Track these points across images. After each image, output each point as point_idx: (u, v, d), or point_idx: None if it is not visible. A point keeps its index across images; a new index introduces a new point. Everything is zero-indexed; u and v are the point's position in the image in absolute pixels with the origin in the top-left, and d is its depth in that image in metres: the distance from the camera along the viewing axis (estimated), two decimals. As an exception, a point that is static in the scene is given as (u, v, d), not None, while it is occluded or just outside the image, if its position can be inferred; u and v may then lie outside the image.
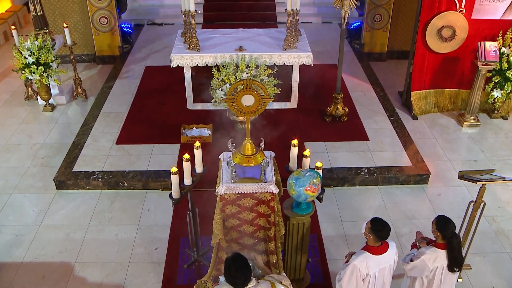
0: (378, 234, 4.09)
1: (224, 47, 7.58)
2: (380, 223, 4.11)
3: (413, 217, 6.11)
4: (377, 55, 9.80)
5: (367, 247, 4.21)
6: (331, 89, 7.96)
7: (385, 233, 4.11)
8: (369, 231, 4.13)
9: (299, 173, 4.57)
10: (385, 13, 9.32)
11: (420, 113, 8.02)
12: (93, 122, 7.80)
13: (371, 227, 4.12)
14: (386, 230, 4.11)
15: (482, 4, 7.33)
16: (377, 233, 4.09)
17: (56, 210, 6.29)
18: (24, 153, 7.28)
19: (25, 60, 7.55)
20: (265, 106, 4.52)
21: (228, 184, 4.73)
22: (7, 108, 8.38)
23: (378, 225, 4.10)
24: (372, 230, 4.10)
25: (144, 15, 11.39)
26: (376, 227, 4.09)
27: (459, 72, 7.88)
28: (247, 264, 3.68)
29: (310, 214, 4.80)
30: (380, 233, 4.09)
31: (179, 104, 8.10)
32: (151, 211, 6.29)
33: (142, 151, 7.12)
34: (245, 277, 3.62)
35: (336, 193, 6.55)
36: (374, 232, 4.09)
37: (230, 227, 4.95)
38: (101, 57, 9.75)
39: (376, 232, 4.09)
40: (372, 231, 4.10)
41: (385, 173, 6.64)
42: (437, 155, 7.18)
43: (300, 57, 7.45)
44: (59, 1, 9.25)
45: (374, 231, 4.09)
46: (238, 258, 3.69)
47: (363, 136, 7.39)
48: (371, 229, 4.11)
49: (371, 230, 4.12)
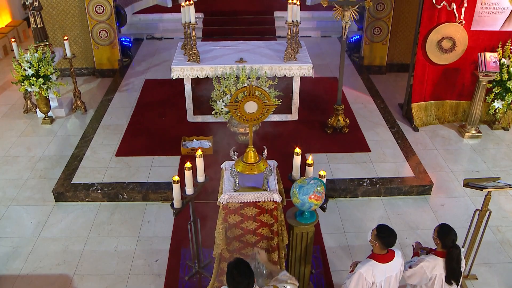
0: (384, 241, 4.02)
1: (224, 59, 7.57)
2: (387, 230, 4.04)
3: (417, 228, 6.04)
4: (376, 68, 9.82)
5: (373, 255, 4.13)
6: (332, 101, 7.95)
7: (392, 240, 4.04)
8: (375, 238, 4.06)
9: (302, 181, 4.51)
10: (384, 26, 9.37)
11: (421, 124, 8.00)
12: (93, 134, 7.74)
13: (377, 234, 4.05)
14: (393, 237, 4.04)
15: (481, 15, 7.37)
16: (383, 240, 4.01)
17: (55, 222, 6.19)
18: (22, 165, 7.20)
19: (24, 72, 7.52)
20: (269, 113, 4.49)
21: (231, 193, 4.66)
22: (6, 120, 8.33)
23: (384, 232, 4.03)
24: (378, 237, 4.03)
25: (143, 30, 11.42)
26: (382, 234, 4.02)
27: (460, 84, 7.89)
28: (249, 269, 3.60)
29: (314, 223, 4.72)
30: (386, 240, 4.02)
31: (179, 116, 8.06)
32: (151, 222, 6.20)
33: (142, 163, 7.05)
34: (248, 281, 3.54)
35: (339, 204, 6.48)
36: (381, 239, 4.02)
37: (233, 237, 4.87)
38: (100, 70, 9.74)
39: (383, 239, 4.01)
40: (378, 238, 4.03)
41: (388, 184, 6.58)
42: (439, 166, 7.13)
43: (301, 68, 7.44)
44: (59, 15, 9.28)
45: (380, 238, 4.02)
46: (241, 262, 3.61)
47: (365, 148, 7.35)
48: (377, 236, 4.04)
49: (377, 237, 4.05)
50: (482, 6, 7.30)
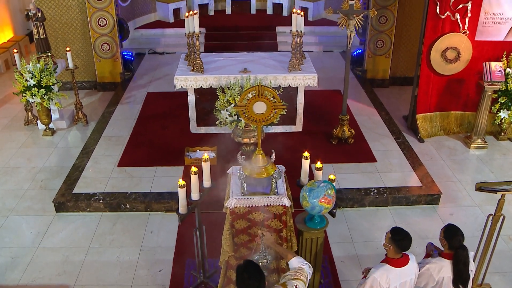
0: (399, 244, 3.88)
1: (228, 69, 7.53)
2: (401, 232, 3.91)
3: (426, 237, 5.89)
4: (379, 82, 9.80)
5: (387, 259, 3.99)
6: (335, 113, 7.89)
7: (407, 242, 3.90)
8: (389, 241, 3.93)
9: (312, 184, 4.40)
10: (387, 39, 9.38)
11: (426, 136, 7.92)
12: (94, 145, 7.63)
13: (391, 237, 3.91)
14: (408, 239, 3.90)
15: (485, 26, 7.37)
16: (398, 243, 3.88)
17: (55, 232, 6.03)
18: (22, 176, 7.07)
19: (26, 83, 7.45)
20: (278, 114, 4.40)
21: (238, 197, 4.54)
22: (6, 132, 8.22)
23: (399, 234, 3.90)
24: (393, 240, 3.89)
25: (145, 44, 11.42)
26: (397, 237, 3.89)
27: (464, 94, 7.85)
28: (260, 271, 3.46)
29: (324, 228, 4.59)
30: (401, 242, 3.88)
31: (182, 128, 7.97)
32: (155, 233, 6.05)
33: (145, 174, 6.93)
34: (258, 284, 3.40)
35: (346, 214, 6.35)
36: (395, 242, 3.88)
37: (240, 244, 4.72)
38: (102, 84, 9.69)
39: (397, 242, 3.88)
40: (393, 241, 3.89)
41: (395, 193, 6.46)
42: (446, 176, 7.03)
43: (305, 78, 7.40)
44: (61, 28, 9.27)
45: (395, 241, 3.88)
46: (251, 265, 3.47)
47: (371, 158, 7.25)
48: (392, 239, 3.91)
49: (391, 240, 3.91)
50: (486, 16, 7.31)
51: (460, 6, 7.19)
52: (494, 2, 7.22)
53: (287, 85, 7.44)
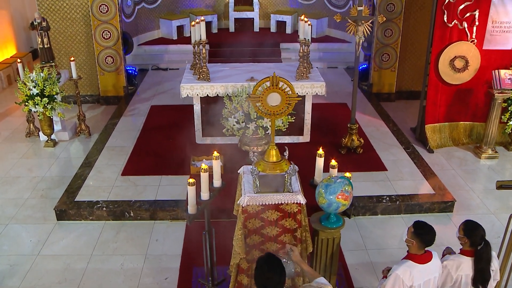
0: (423, 239, 3.68)
1: (235, 78, 7.42)
2: (425, 226, 3.72)
3: (442, 244, 5.61)
4: (385, 96, 9.71)
5: (410, 255, 3.79)
6: (343, 124, 7.78)
7: (431, 237, 3.71)
8: (412, 236, 3.73)
9: (329, 180, 4.23)
10: (392, 52, 9.35)
11: (435, 146, 7.78)
12: (97, 155, 7.46)
13: (414, 231, 3.72)
14: (432, 233, 3.71)
15: (493, 34, 7.33)
16: (422, 238, 3.68)
17: (56, 240, 5.80)
18: (23, 185, 6.87)
19: (29, 92, 7.33)
20: (292, 107, 4.27)
21: (251, 195, 4.36)
22: (7, 144, 8.05)
23: (423, 228, 3.71)
24: (416, 234, 3.70)
25: (148, 60, 11.37)
26: (421, 231, 3.70)
27: (473, 104, 7.75)
28: (281, 266, 3.24)
29: (341, 228, 4.39)
30: (425, 237, 3.69)
31: (188, 138, 7.78)
32: (160, 241, 5.82)
33: (149, 182, 6.74)
34: (278, 279, 3.18)
35: (358, 222, 6.15)
36: (419, 236, 3.68)
37: (252, 245, 4.51)
38: (105, 97, 9.57)
39: (421, 236, 3.68)
40: (416, 235, 3.69)
41: (408, 201, 6.28)
42: (459, 185, 6.86)
43: (313, 86, 7.29)
44: (65, 40, 9.22)
45: (418, 235, 3.69)
46: (272, 258, 3.27)
47: (381, 167, 7.09)
48: (415, 234, 3.71)
49: (414, 234, 3.71)
50: (494, 25, 7.28)
51: (468, 14, 7.16)
52: (501, 11, 7.20)
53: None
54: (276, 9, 12.75)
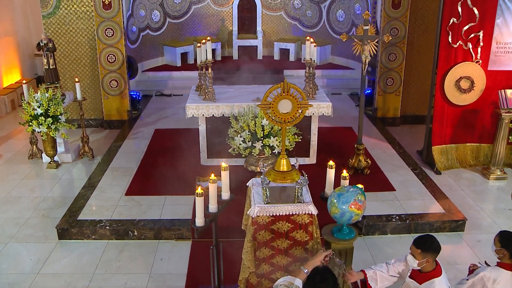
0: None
1: (240, 99, 7.40)
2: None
3: (455, 263, 5.52)
4: (390, 120, 9.68)
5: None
6: (349, 146, 7.73)
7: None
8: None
9: (341, 189, 4.13)
10: (397, 76, 9.38)
11: (443, 168, 7.68)
12: (101, 176, 7.35)
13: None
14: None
15: (497, 55, 7.36)
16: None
17: (57, 259, 5.63)
18: (24, 205, 6.73)
19: (33, 112, 7.29)
20: (303, 114, 4.21)
21: (261, 205, 4.25)
22: (9, 165, 7.96)
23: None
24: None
25: (152, 87, 11.40)
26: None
27: (480, 126, 7.70)
28: (335, 280, 3.12)
29: (354, 240, 4.25)
30: None
31: (192, 160, 7.68)
32: (165, 260, 5.65)
33: (154, 202, 6.60)
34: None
35: (367, 242, 5.99)
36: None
37: (262, 259, 4.37)
38: (109, 121, 9.54)
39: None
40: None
41: (418, 220, 6.14)
42: (468, 205, 6.73)
43: (319, 107, 7.26)
44: (70, 64, 9.26)
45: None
46: (327, 270, 3.17)
47: (389, 187, 6.98)
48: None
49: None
50: (498, 46, 7.32)
51: (472, 35, 7.20)
52: (505, 32, 7.25)
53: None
54: (279, 37, 12.91)
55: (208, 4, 12.63)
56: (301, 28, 12.81)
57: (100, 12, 8.77)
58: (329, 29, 12.29)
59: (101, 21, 8.83)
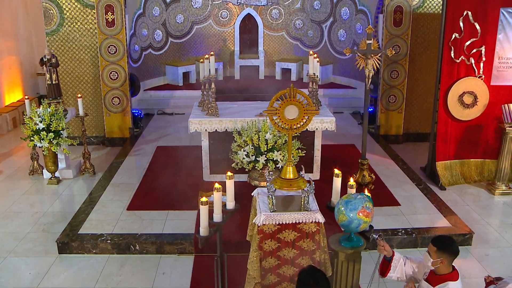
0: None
1: (243, 114, 7.38)
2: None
3: (464, 277, 5.35)
4: (393, 138, 9.65)
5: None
6: (352, 163, 7.70)
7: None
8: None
9: (349, 196, 4.06)
10: (399, 94, 9.39)
11: (447, 184, 7.61)
12: (102, 191, 7.27)
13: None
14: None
15: (500, 70, 7.38)
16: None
17: (57, 273, 5.51)
18: (24, 220, 6.63)
19: (35, 127, 7.26)
20: (310, 121, 4.18)
21: (267, 213, 4.18)
22: (10, 181, 7.88)
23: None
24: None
25: (154, 105, 11.41)
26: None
27: (484, 141, 7.66)
28: (327, 281, 3.03)
29: (362, 248, 4.16)
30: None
31: (195, 177, 7.61)
32: (167, 274, 5.54)
33: (156, 216, 6.51)
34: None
35: (374, 256, 5.84)
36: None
37: (268, 269, 4.27)
38: (110, 139, 9.50)
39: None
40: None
41: (424, 233, 6.04)
42: (474, 220, 6.64)
43: (323, 122, 7.23)
44: (72, 81, 9.27)
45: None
46: (316, 270, 3.08)
47: (394, 202, 6.91)
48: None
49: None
50: (500, 61, 7.35)
51: (474, 50, 7.24)
52: (507, 47, 7.29)
53: (304, 129, 7.23)
54: (281, 57, 12.99)
55: (210, 24, 12.76)
56: (302, 48, 12.90)
57: (103, 29, 8.83)
58: (331, 48, 12.38)
59: (104, 38, 8.88)
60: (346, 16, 11.80)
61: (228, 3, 12.68)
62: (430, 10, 9.17)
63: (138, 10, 11.22)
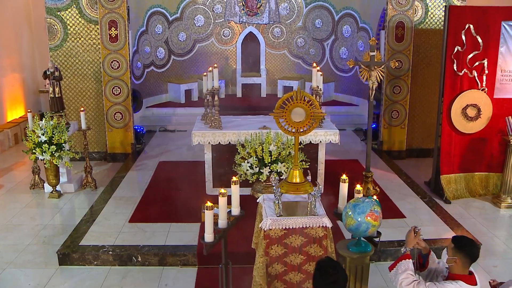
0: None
1: (247, 127, 7.34)
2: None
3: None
4: (396, 153, 9.60)
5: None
6: (356, 176, 7.52)
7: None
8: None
9: (356, 200, 4.02)
10: (402, 109, 9.38)
11: (452, 197, 7.54)
12: (104, 204, 7.20)
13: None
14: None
15: (503, 83, 7.39)
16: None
17: (57, 284, 5.41)
18: (25, 232, 6.53)
19: (37, 139, 7.22)
20: (316, 124, 4.15)
21: (274, 217, 4.11)
22: (11, 194, 7.81)
23: None
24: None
25: (156, 122, 11.39)
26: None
27: (488, 154, 7.62)
28: (344, 271, 3.06)
29: (370, 254, 4.09)
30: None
31: (197, 190, 7.54)
32: (169, 286, 5.42)
33: (158, 229, 6.43)
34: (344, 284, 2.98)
35: (380, 268, 5.78)
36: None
37: (274, 275, 4.18)
38: (112, 154, 9.45)
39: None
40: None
41: (431, 245, 5.91)
42: (481, 232, 6.54)
43: (327, 134, 7.20)
44: (75, 96, 9.27)
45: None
46: (335, 261, 3.16)
47: (399, 214, 6.83)
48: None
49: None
50: (502, 73, 7.37)
51: (477, 63, 7.26)
52: (509, 60, 7.32)
53: (308, 142, 7.21)
54: (282, 75, 13.05)
55: (212, 42, 12.86)
56: (304, 66, 12.97)
57: (107, 45, 8.88)
58: (332, 66, 12.45)
59: (107, 53, 8.92)
60: (348, 33, 11.90)
61: (230, 22, 12.81)
62: (432, 26, 9.24)
63: (141, 28, 11.32)
